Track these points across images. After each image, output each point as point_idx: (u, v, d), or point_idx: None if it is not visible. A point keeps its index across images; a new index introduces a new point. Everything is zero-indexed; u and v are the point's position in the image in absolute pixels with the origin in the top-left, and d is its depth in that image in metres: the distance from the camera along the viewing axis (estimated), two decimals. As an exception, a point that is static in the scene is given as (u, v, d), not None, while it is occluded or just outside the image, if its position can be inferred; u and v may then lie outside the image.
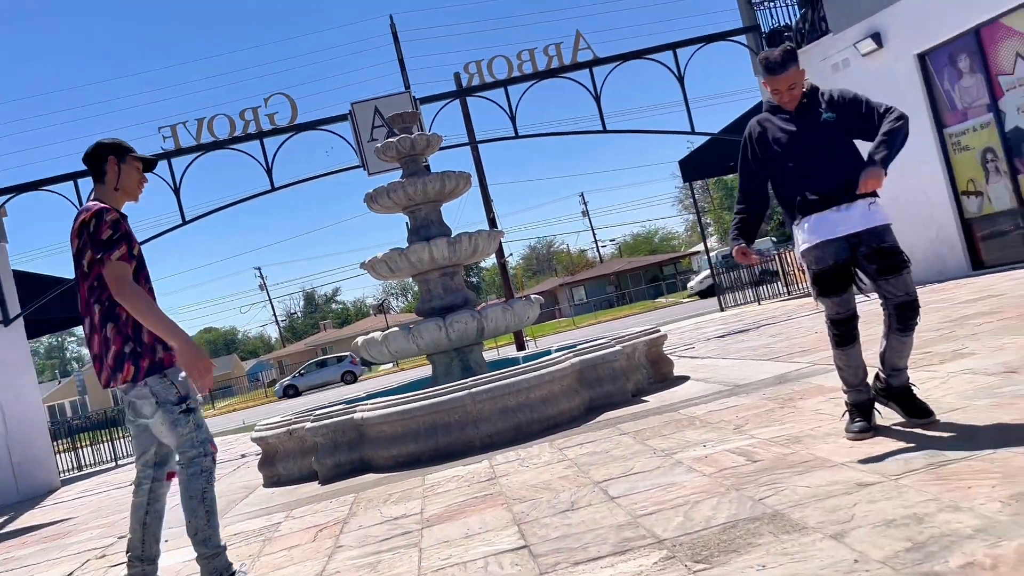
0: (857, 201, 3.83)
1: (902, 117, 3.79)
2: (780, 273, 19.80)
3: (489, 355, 21.87)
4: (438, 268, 7.66)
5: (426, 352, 7.48)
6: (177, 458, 3.63)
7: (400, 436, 6.08)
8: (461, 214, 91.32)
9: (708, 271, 42.17)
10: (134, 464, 3.86)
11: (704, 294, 40.08)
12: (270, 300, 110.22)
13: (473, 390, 6.03)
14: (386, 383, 25.18)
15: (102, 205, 3.63)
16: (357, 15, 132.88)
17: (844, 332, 3.92)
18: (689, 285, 43.80)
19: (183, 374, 3.60)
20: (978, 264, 11.73)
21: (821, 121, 3.91)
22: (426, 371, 26.64)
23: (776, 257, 19.98)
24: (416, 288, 8.07)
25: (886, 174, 3.71)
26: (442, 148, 16.05)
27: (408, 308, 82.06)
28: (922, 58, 11.96)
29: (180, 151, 14.31)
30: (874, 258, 3.78)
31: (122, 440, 18.48)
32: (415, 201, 7.68)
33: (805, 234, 3.94)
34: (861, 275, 3.91)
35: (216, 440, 15.24)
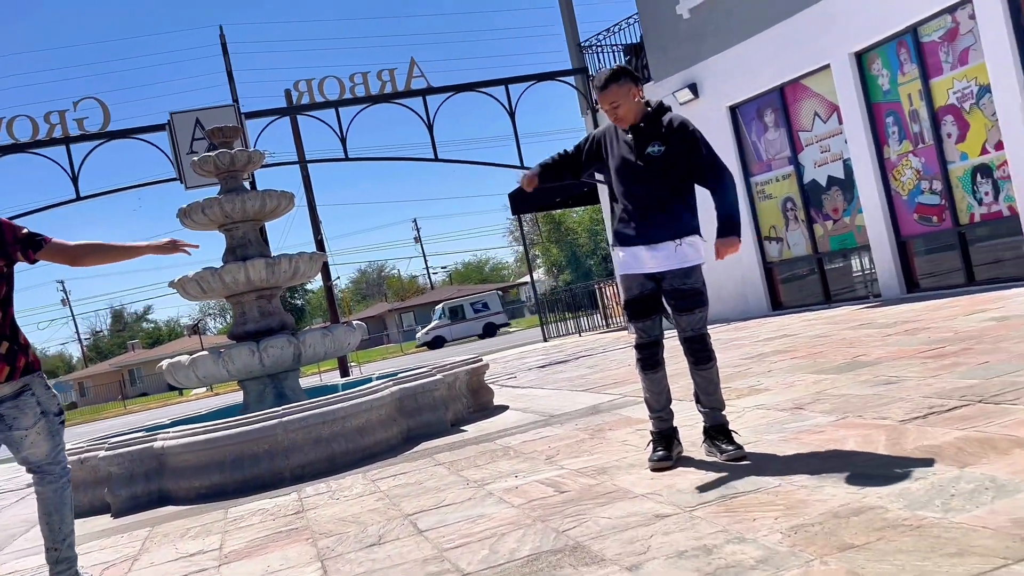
0: (668, 242, 3.99)
1: (731, 179, 4.03)
2: (600, 306, 20.51)
3: (311, 381, 21.27)
4: (255, 290, 7.37)
5: (237, 378, 7.15)
6: (47, 468, 3.52)
7: (204, 466, 5.76)
8: (288, 235, 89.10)
9: (438, 321, 42.24)
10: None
11: (432, 345, 39.61)
12: (73, 317, 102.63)
13: (285, 419, 5.82)
14: (197, 408, 23.91)
15: None
16: (186, 22, 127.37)
17: (647, 357, 4.08)
18: (417, 336, 42.80)
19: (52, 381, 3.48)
20: (777, 305, 12.64)
21: (646, 153, 4.01)
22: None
23: (597, 289, 20.70)
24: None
25: (739, 239, 3.95)
26: (269, 165, 15.61)
27: (226, 329, 78.70)
28: (733, 110, 12.83)
29: (-29, 153, 13.13)
30: (674, 295, 3.99)
31: None
32: (232, 219, 7.37)
33: (619, 262, 4.11)
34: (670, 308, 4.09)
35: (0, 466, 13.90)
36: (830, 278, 11.98)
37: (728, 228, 4.03)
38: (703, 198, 4.09)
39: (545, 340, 19.81)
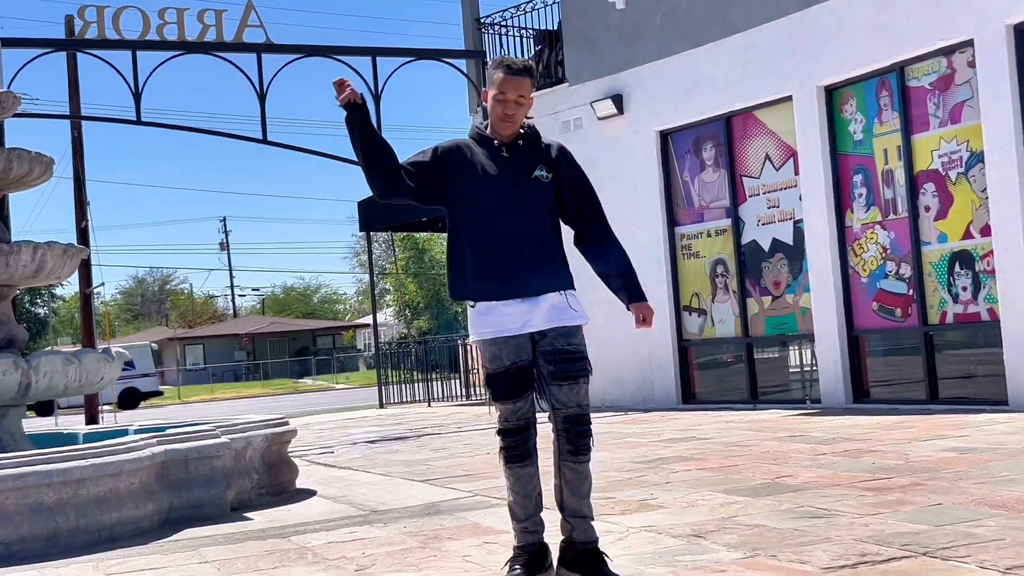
0: (548, 294, 4.10)
1: (620, 247, 4.28)
2: (461, 370, 20.57)
3: (42, 425, 20.42)
4: (-24, 286, 7.08)
5: (-67, 407, 6.80)
6: None
7: None
8: (39, 216, 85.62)
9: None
10: None
11: (124, 403, 36.57)
12: None
13: (-7, 473, 5.55)
14: None
15: None
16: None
17: (516, 446, 4.12)
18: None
19: None
20: (689, 396, 12.99)
21: (532, 177, 4.15)
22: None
23: (461, 347, 20.76)
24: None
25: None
26: (27, 115, 15.04)
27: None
28: (664, 137, 13.25)
29: None
30: (553, 359, 4.08)
31: None
32: (-41, 183, 7.09)
33: (479, 322, 4.13)
34: (544, 376, 4.13)
35: None
36: (760, 371, 12.42)
37: (639, 290, 4.18)
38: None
39: (381, 406, 19.71)
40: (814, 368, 11.68)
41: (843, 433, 8.62)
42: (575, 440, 4.08)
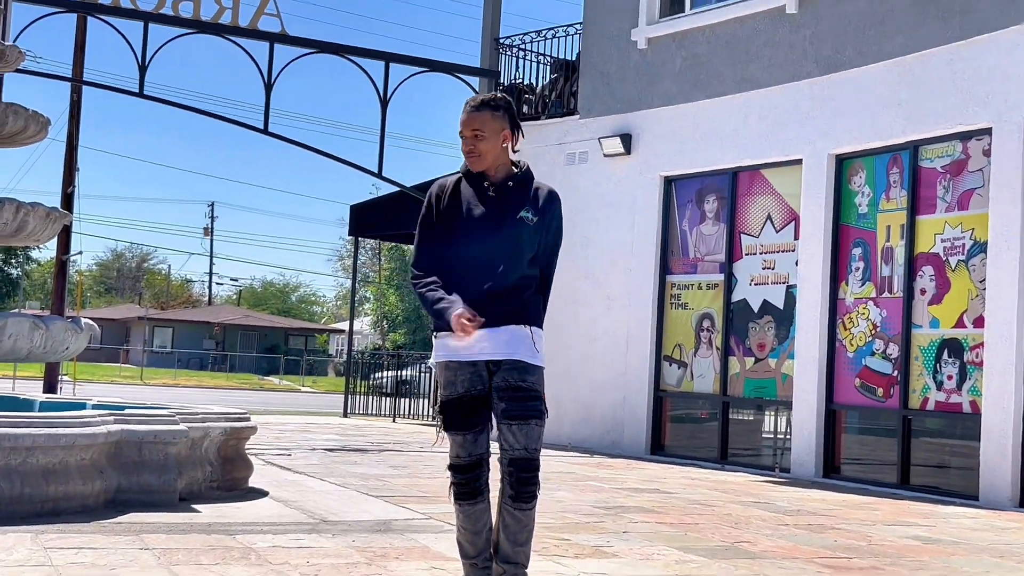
0: (511, 325, 4.08)
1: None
2: (431, 391, 20.54)
3: (-1, 386, 20.28)
4: (-47, 238, 7.08)
5: None
6: None
7: None
8: (25, 175, 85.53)
9: None
10: None
11: None
12: None
13: (-57, 429, 5.53)
14: None
15: None
16: None
17: (466, 482, 4.11)
18: None
19: None
20: (658, 447, 13.00)
21: (518, 217, 4.17)
22: None
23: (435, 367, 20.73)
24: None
25: None
26: (28, 72, 15.04)
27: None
28: (669, 183, 13.32)
29: None
30: (505, 395, 4.05)
31: None
32: (-49, 130, 7.10)
33: (436, 345, 4.16)
34: (496, 414, 4.12)
35: None
36: (733, 431, 12.45)
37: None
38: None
39: (345, 415, 19.67)
40: (787, 436, 11.71)
41: (808, 506, 8.64)
42: (518, 486, 4.02)
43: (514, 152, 4.27)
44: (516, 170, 4.27)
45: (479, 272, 4.10)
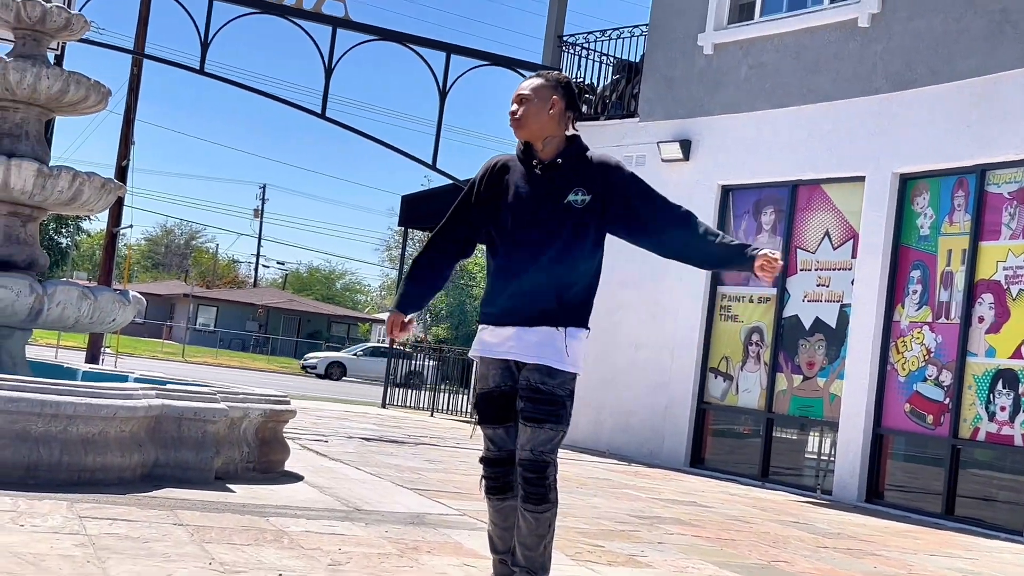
0: (543, 327, 4.01)
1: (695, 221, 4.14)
2: (471, 386, 20.57)
3: (38, 352, 20.59)
4: (9, 202, 7.26)
5: (-59, 314, 6.92)
6: None
7: None
8: (81, 146, 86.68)
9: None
10: None
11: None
12: None
13: (-13, 392, 5.62)
14: None
15: None
16: None
17: (495, 477, 4.12)
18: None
19: None
20: (698, 460, 12.94)
21: (564, 202, 4.04)
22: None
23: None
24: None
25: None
26: (91, 42, 15.23)
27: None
28: (727, 192, 13.25)
29: None
30: (525, 395, 4.03)
31: None
32: (14, 95, 7.27)
33: (475, 340, 4.19)
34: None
35: None
36: (775, 449, 12.36)
37: (744, 244, 4.11)
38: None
39: (384, 406, 19.74)
40: (831, 458, 11.61)
41: (849, 530, 8.56)
42: (525, 486, 4.00)
43: (572, 125, 4.16)
44: (569, 143, 4.13)
45: (517, 264, 4.04)
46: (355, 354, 43.78)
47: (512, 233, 4.05)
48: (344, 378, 40.76)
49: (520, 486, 4.02)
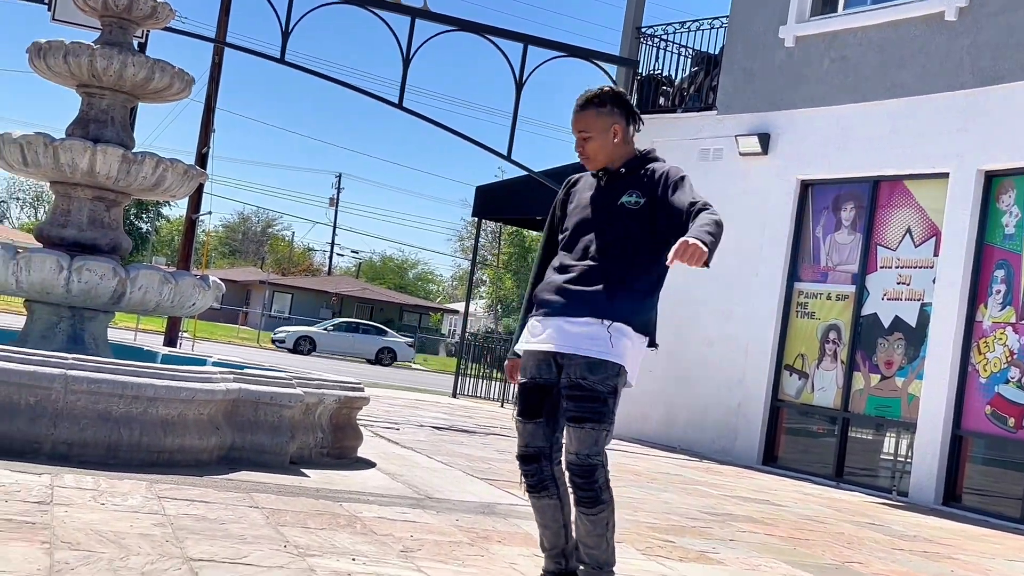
0: (587, 318, 3.94)
1: (720, 223, 3.84)
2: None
3: (119, 335, 20.99)
4: (95, 186, 7.37)
5: (30, 295, 7.11)
6: None
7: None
8: (163, 133, 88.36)
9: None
10: None
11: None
12: None
13: (71, 372, 5.76)
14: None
15: None
16: None
17: (526, 475, 4.08)
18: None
19: None
20: (771, 458, 12.82)
21: (619, 203, 4.06)
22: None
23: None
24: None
25: (708, 255, 3.65)
26: (175, 30, 15.47)
27: (34, 225, 77.27)
28: (806, 187, 13.09)
29: None
30: (566, 392, 3.96)
31: None
32: (101, 81, 7.38)
33: (527, 331, 4.14)
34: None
35: None
36: (850, 449, 12.20)
37: (704, 240, 3.70)
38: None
39: (455, 396, 19.84)
40: (908, 459, 11.44)
41: (925, 533, 8.44)
42: (575, 491, 3.95)
43: (637, 132, 4.15)
44: (638, 154, 4.16)
45: (569, 260, 4.08)
46: (325, 329, 43.89)
47: (571, 235, 4.12)
48: (313, 353, 40.91)
49: (570, 488, 4.00)
